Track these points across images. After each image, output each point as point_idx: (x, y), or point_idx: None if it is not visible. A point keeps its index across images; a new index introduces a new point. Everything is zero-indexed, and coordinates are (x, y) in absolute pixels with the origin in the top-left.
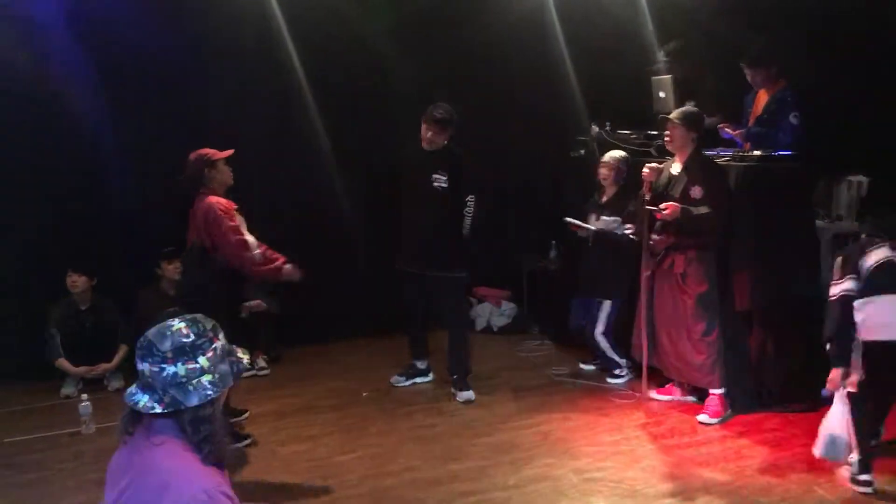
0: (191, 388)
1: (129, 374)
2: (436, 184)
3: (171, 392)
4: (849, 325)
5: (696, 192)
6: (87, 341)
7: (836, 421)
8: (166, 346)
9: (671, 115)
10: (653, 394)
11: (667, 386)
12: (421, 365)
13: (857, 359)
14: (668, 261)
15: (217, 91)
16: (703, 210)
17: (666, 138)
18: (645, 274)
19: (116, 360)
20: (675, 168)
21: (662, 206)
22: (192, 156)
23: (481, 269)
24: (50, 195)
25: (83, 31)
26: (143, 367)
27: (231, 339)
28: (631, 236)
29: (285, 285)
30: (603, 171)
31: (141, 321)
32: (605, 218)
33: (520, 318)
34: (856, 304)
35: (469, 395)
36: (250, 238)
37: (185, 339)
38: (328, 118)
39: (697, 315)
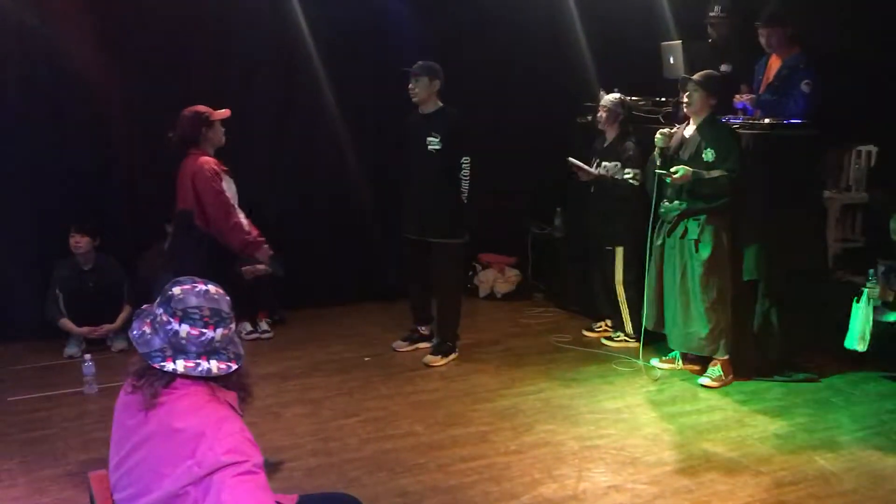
0: (237, 340)
1: None
2: (430, 146)
3: (231, 348)
4: None
5: (709, 155)
6: (89, 301)
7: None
8: (225, 307)
9: (693, 77)
10: (654, 361)
11: (669, 355)
12: (424, 330)
13: None
14: (681, 228)
15: (224, 54)
16: (716, 173)
17: (684, 100)
18: (656, 243)
19: (119, 320)
20: (689, 131)
21: (673, 169)
22: (188, 112)
23: (486, 234)
24: (53, 155)
25: None
26: (216, 333)
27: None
28: (631, 181)
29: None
30: (599, 113)
31: (143, 282)
32: (606, 164)
33: (524, 285)
34: None
35: (436, 359)
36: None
37: (228, 297)
38: (335, 82)
39: (707, 282)
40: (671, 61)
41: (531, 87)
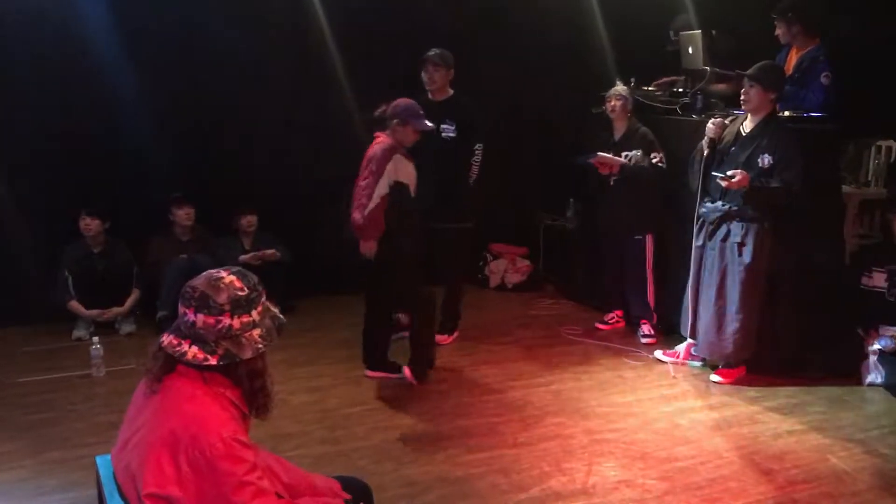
0: (244, 341)
1: (141, 318)
2: (444, 134)
3: (224, 344)
4: None
5: (766, 161)
6: (99, 284)
7: None
8: (223, 298)
9: (748, 72)
10: (659, 354)
11: (675, 348)
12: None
13: None
14: (724, 230)
15: (236, 36)
16: (775, 184)
17: (742, 97)
18: (696, 244)
19: (128, 304)
20: (747, 126)
21: (730, 173)
22: (395, 101)
23: (497, 224)
24: (65, 137)
25: None
26: (197, 318)
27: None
28: (658, 164)
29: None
30: (612, 103)
31: (153, 267)
32: (627, 153)
33: (535, 276)
34: None
35: (444, 338)
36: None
37: (240, 293)
38: (350, 63)
39: (749, 288)
40: (690, 51)
41: (545, 75)
